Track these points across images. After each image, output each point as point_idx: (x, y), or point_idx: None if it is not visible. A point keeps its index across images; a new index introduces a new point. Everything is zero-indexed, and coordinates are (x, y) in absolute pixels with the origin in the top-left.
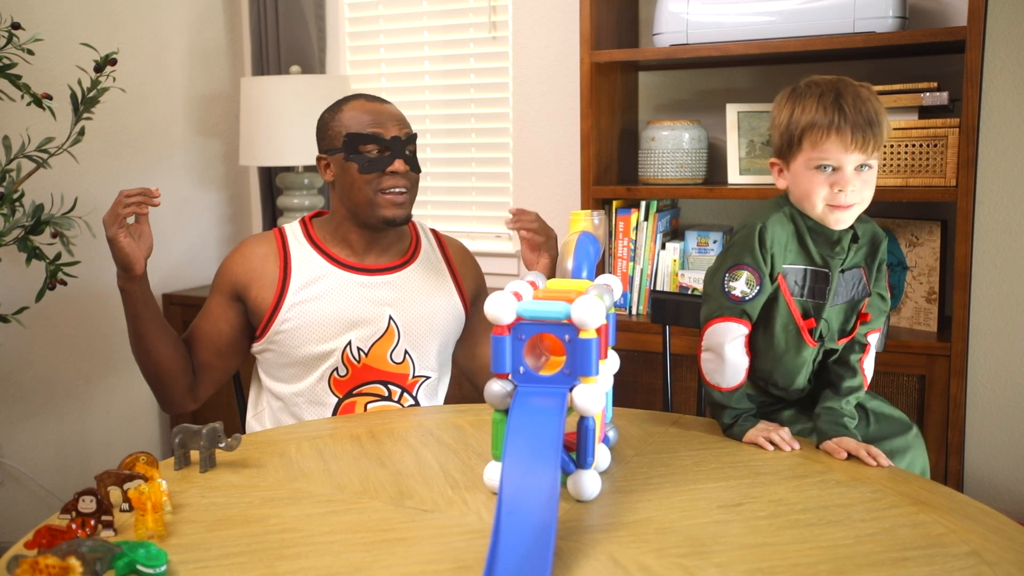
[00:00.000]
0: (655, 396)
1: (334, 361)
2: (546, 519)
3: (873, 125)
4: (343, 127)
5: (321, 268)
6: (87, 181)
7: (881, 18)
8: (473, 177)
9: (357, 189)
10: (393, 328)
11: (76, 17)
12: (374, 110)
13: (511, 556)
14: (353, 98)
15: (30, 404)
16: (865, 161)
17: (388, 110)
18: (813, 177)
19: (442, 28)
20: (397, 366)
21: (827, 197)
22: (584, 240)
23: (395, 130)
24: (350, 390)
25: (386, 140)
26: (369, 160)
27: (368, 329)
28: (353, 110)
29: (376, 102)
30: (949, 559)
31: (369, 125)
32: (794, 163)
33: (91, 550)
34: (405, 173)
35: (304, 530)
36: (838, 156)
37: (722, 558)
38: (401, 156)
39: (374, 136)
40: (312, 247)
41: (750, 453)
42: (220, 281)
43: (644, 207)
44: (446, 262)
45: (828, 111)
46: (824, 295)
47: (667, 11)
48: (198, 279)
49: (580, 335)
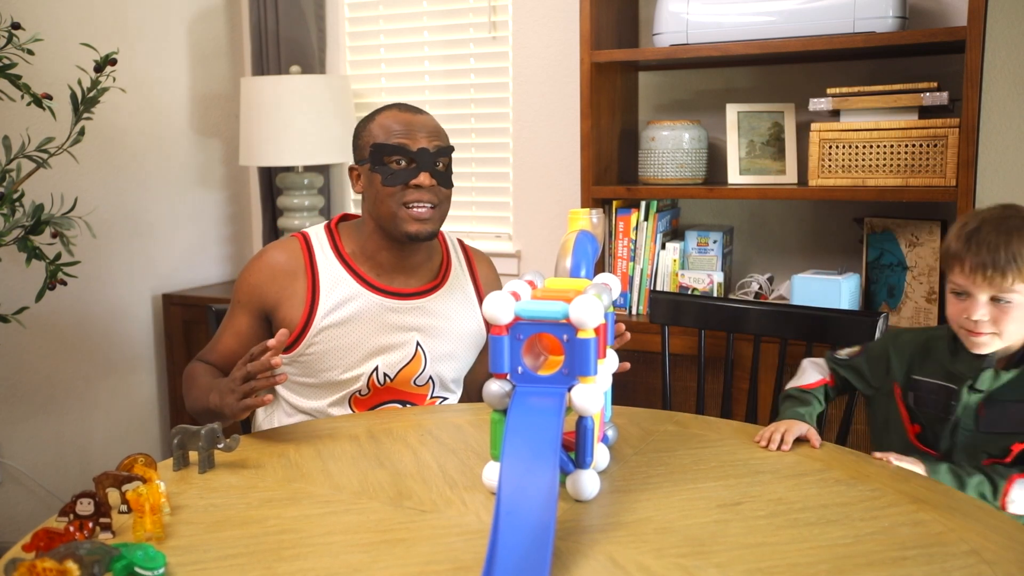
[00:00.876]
0: (655, 396)
1: (359, 385)
2: (545, 519)
3: (1003, 263)
4: (372, 137)
5: (350, 289)
6: (87, 181)
7: (881, 18)
8: (473, 177)
9: (381, 201)
10: (420, 355)
11: (76, 17)
12: (404, 121)
13: (510, 556)
14: (388, 107)
15: (30, 404)
16: (999, 295)
17: (419, 121)
18: (951, 300)
19: (442, 28)
20: (419, 388)
21: (960, 321)
22: (582, 239)
23: (424, 142)
24: (369, 408)
25: (412, 152)
26: (393, 172)
27: (396, 355)
28: (384, 119)
29: (409, 112)
30: (948, 558)
31: (396, 136)
32: (947, 284)
33: (89, 552)
34: (431, 187)
35: (303, 531)
36: (967, 286)
37: (721, 558)
38: (428, 169)
39: (400, 147)
40: (340, 262)
41: (749, 452)
42: (245, 297)
43: (644, 207)
44: (473, 281)
45: (962, 242)
46: (946, 410)
47: (667, 11)
48: (198, 279)
49: (578, 335)
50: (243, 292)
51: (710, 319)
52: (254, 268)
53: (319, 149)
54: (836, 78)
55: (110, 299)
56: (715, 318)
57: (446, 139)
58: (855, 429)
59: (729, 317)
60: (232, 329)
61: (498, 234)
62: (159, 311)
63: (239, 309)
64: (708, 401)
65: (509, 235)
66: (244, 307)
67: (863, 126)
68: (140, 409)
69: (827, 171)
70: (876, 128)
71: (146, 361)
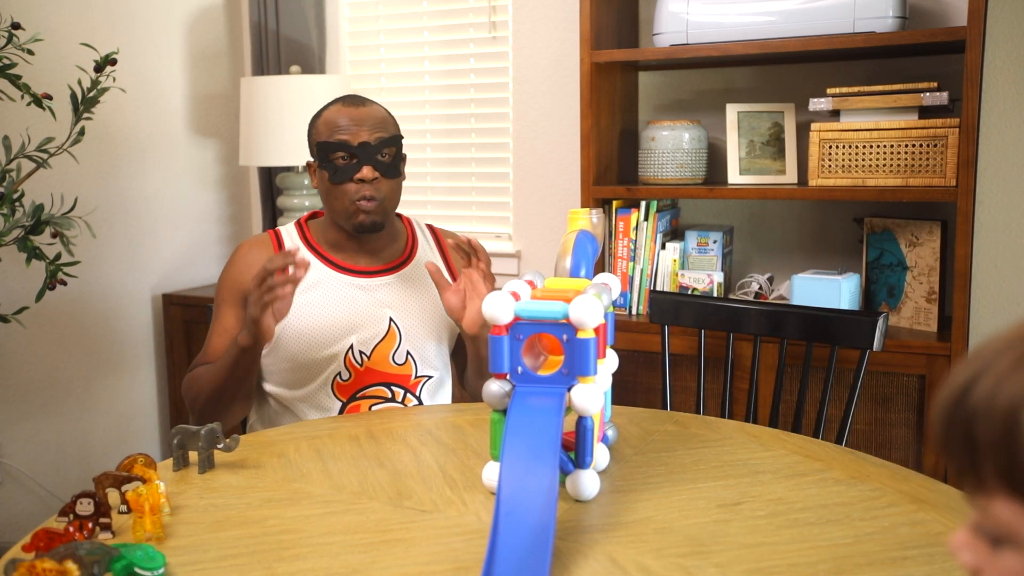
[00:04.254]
0: (655, 396)
1: (336, 366)
2: (544, 519)
3: None
4: (317, 135)
5: (319, 272)
6: (87, 181)
7: (881, 18)
8: (473, 177)
9: (333, 197)
10: (394, 330)
11: (76, 17)
12: (346, 115)
13: (509, 557)
14: (333, 102)
15: (30, 404)
16: None
17: (361, 114)
18: None
19: (442, 28)
20: (399, 367)
21: None
22: (582, 238)
23: (365, 135)
24: (353, 394)
25: (352, 147)
26: (337, 169)
27: (369, 332)
28: (328, 115)
29: (352, 106)
30: (948, 558)
31: (337, 132)
32: None
33: (89, 553)
34: (373, 180)
35: (303, 531)
36: None
37: (721, 558)
38: (369, 163)
39: (341, 144)
40: (308, 250)
41: (749, 452)
42: (227, 293)
43: (644, 207)
44: (443, 257)
45: None
46: None
47: (667, 11)
48: (198, 279)
49: (578, 335)
50: (225, 289)
51: (710, 319)
52: (231, 264)
53: None
54: (836, 78)
55: (110, 299)
56: (715, 318)
57: (392, 128)
58: (855, 429)
59: (729, 317)
60: (220, 327)
61: (498, 234)
62: (159, 311)
63: (224, 308)
64: (708, 401)
65: (509, 235)
66: (228, 304)
67: (863, 126)
68: (140, 409)
69: (827, 171)
70: (876, 128)
71: (146, 361)
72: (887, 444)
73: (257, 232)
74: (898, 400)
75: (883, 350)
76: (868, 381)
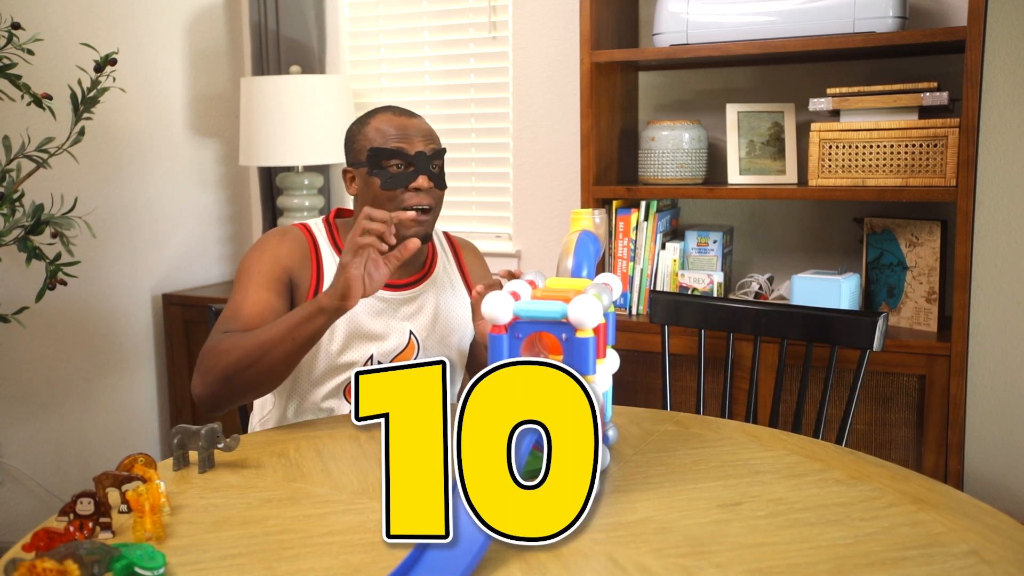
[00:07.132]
0: (655, 396)
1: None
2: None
3: None
4: (368, 141)
5: None
6: (87, 181)
7: (881, 18)
8: (473, 177)
9: (379, 204)
10: (414, 343)
11: (76, 17)
12: (400, 124)
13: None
14: (381, 111)
15: (30, 404)
16: None
17: (415, 124)
18: None
19: (442, 28)
20: None
21: None
22: (584, 239)
23: (420, 145)
24: None
25: (410, 155)
26: (392, 176)
27: (389, 344)
28: (379, 123)
29: (404, 116)
30: (948, 558)
31: (393, 140)
32: None
33: (89, 552)
34: (428, 190)
35: (303, 531)
36: None
37: (721, 558)
38: (425, 172)
39: (398, 151)
40: (338, 254)
41: (749, 452)
42: (268, 268)
43: (644, 207)
44: (459, 267)
45: None
46: None
47: (667, 11)
48: (198, 279)
49: (577, 334)
50: (264, 264)
51: (710, 319)
52: (275, 242)
53: (319, 149)
54: (836, 78)
55: (110, 299)
56: (715, 318)
57: (439, 141)
58: (855, 429)
59: (729, 317)
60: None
61: (498, 234)
62: (159, 311)
63: (261, 280)
64: (708, 401)
65: (509, 235)
66: (268, 276)
67: (863, 126)
68: (140, 409)
69: (827, 171)
70: (876, 128)
71: (146, 361)
72: (887, 444)
73: (257, 232)
74: (898, 400)
75: (883, 350)
76: (868, 381)
